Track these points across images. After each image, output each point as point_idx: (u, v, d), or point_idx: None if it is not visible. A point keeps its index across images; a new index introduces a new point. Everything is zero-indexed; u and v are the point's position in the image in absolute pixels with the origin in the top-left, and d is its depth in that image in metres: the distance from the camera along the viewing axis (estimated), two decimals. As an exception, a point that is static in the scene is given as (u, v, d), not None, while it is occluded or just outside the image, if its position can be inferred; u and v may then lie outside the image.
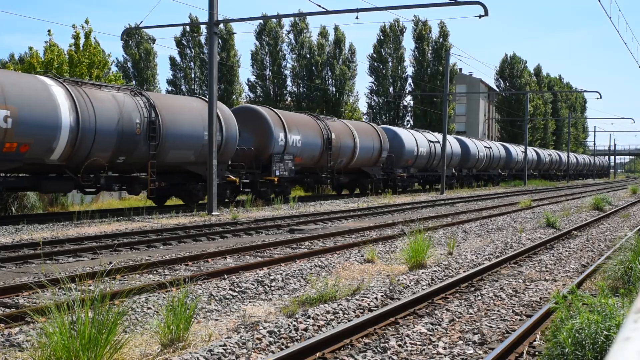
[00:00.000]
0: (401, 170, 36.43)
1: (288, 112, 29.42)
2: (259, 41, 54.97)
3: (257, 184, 24.96)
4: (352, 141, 30.82)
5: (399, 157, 35.64)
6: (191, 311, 6.05)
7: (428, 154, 39.20)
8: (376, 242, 13.32)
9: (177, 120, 20.84)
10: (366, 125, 34.20)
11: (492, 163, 52.23)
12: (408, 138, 37.05)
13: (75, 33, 28.05)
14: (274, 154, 25.32)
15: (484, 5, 20.24)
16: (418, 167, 38.80)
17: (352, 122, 33.30)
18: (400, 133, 36.73)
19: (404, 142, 36.15)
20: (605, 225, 18.64)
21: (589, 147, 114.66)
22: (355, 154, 30.97)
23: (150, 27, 35.65)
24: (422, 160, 38.69)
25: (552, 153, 72.32)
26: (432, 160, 40.24)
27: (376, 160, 33.17)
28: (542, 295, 8.44)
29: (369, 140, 32.34)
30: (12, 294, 8.00)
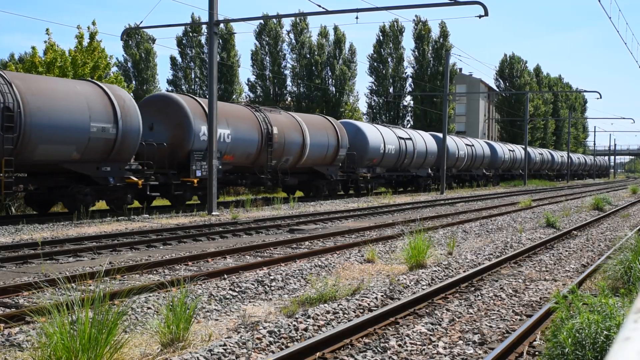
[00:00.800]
0: (365, 170, 32.76)
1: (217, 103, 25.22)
2: (259, 41, 55.01)
3: (172, 187, 21.34)
4: (300, 137, 26.76)
5: (362, 155, 32.03)
6: (191, 311, 6.05)
7: (397, 151, 35.16)
8: (376, 242, 13.32)
9: (50, 107, 16.98)
10: (320, 119, 30.42)
11: (474, 162, 48.26)
12: (373, 134, 33.21)
13: (80, 33, 28.07)
14: (193, 151, 21.55)
15: (484, 5, 20.24)
16: (386, 166, 34.95)
17: (302, 115, 29.23)
18: (363, 128, 33.10)
19: (368, 138, 32.34)
20: (605, 225, 18.64)
21: (589, 147, 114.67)
22: (304, 152, 27.05)
23: (150, 27, 35.65)
24: (391, 158, 34.82)
25: (543, 152, 69.18)
26: (403, 159, 36.29)
27: (332, 158, 29.28)
28: (542, 295, 8.44)
29: (322, 135, 28.44)
30: (12, 294, 8.00)
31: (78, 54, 27.60)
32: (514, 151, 58.35)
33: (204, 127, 21.66)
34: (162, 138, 21.24)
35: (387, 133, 34.85)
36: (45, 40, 28.07)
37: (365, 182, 33.04)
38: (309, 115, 32.76)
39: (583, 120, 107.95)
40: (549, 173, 72.04)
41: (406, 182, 39.88)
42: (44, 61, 26.92)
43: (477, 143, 49.94)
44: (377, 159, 33.37)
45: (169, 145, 21.15)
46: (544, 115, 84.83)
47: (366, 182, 33.14)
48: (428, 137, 40.61)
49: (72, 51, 27.93)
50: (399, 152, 35.48)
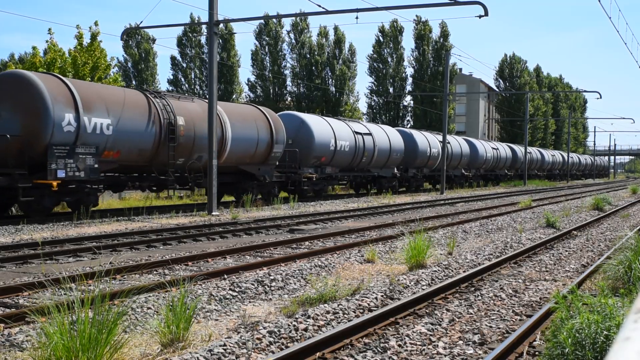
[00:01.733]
0: (311, 170, 28.27)
1: (92, 84, 20.68)
2: (259, 41, 55.02)
3: (19, 191, 16.63)
4: (219, 129, 22.05)
5: (308, 152, 27.54)
6: (191, 311, 6.05)
7: (353, 149, 30.78)
8: (376, 242, 13.32)
9: None
10: (248, 109, 25.52)
11: (452, 162, 43.50)
12: (321, 128, 28.70)
13: (80, 33, 28.07)
14: (53, 145, 16.94)
15: (484, 5, 20.25)
16: (339, 165, 30.43)
17: (224, 104, 24.52)
18: (308, 121, 28.41)
19: (314, 132, 27.87)
20: (605, 225, 18.64)
21: (589, 147, 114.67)
22: (224, 148, 22.58)
23: (150, 27, 35.68)
24: (344, 156, 30.38)
25: (532, 151, 64.19)
26: (360, 157, 31.73)
27: (264, 156, 24.82)
28: (542, 295, 8.44)
29: (249, 128, 24.04)
30: (12, 294, 8.00)
31: (78, 54, 27.60)
32: (497, 149, 54.12)
33: (70, 114, 17.30)
34: (9, 128, 16.80)
35: (339, 127, 30.37)
36: (47, 40, 28.07)
37: (311, 184, 28.54)
38: (234, 104, 28.43)
39: (583, 120, 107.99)
40: (539, 173, 68.05)
41: (363, 183, 35.50)
42: (44, 61, 26.93)
43: (455, 140, 45.44)
44: (327, 156, 28.76)
45: (22, 137, 16.75)
46: (544, 115, 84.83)
47: (312, 184, 28.68)
48: (393, 133, 36.09)
49: (72, 51, 27.93)
50: (355, 149, 30.97)
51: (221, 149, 22.27)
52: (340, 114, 50.02)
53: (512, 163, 58.30)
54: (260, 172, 25.03)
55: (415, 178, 39.46)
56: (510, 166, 58.34)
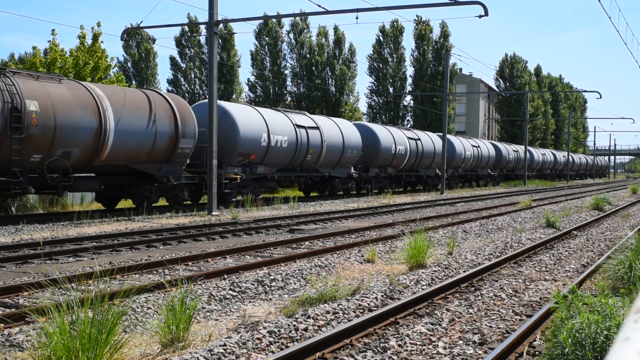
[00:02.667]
0: (238, 169, 24.00)
1: None
2: (259, 41, 55.00)
3: None
4: (94, 118, 17.85)
5: (231, 148, 23.20)
6: (191, 311, 6.05)
7: (293, 144, 26.18)
8: (376, 242, 13.32)
9: None
10: (142, 95, 20.34)
11: (422, 160, 39.13)
12: (249, 119, 24.16)
13: (82, 34, 28.08)
14: None
15: (484, 5, 20.25)
16: (276, 164, 25.88)
17: (105, 87, 19.75)
18: (232, 111, 23.69)
19: (239, 125, 23.32)
20: (605, 225, 18.64)
21: (589, 147, 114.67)
22: (105, 141, 18.09)
23: (150, 27, 35.66)
24: (282, 154, 25.77)
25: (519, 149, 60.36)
26: (304, 154, 27.08)
27: (168, 153, 20.36)
28: (542, 295, 8.44)
29: (143, 118, 19.43)
30: (12, 294, 8.00)
31: (79, 54, 27.61)
32: (478, 147, 49.17)
33: None
34: None
35: (275, 119, 25.70)
36: (50, 40, 28.09)
37: (236, 187, 23.98)
38: (123, 87, 23.39)
39: (583, 120, 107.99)
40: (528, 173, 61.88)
41: (316, 185, 31.30)
42: (45, 61, 26.94)
43: (426, 137, 40.46)
44: (258, 154, 24.20)
45: None
46: (544, 115, 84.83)
47: (238, 187, 24.15)
48: (348, 127, 31.56)
49: (73, 51, 27.94)
50: (297, 145, 26.52)
51: (99, 143, 18.01)
52: (341, 114, 49.97)
53: (496, 162, 53.85)
54: (163, 172, 20.58)
55: (378, 179, 34.78)
56: (494, 166, 53.86)
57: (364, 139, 31.93)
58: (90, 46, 28.10)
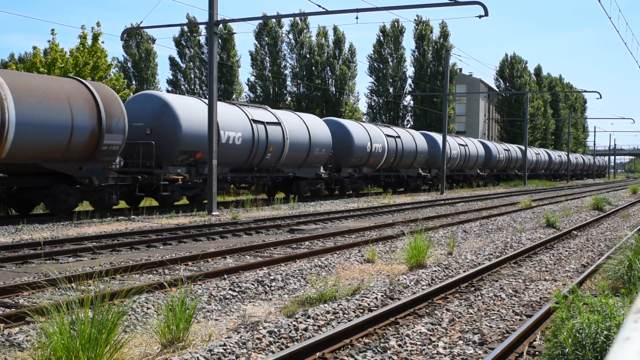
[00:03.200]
0: (181, 169, 21.40)
1: None
2: (259, 41, 55.01)
3: None
4: None
5: (172, 145, 20.61)
6: (191, 311, 6.05)
7: (249, 141, 23.73)
8: (376, 242, 13.32)
9: None
10: (56, 81, 18.18)
11: (402, 160, 36.04)
12: (195, 113, 21.62)
13: (83, 34, 28.09)
14: None
15: (484, 5, 20.25)
16: (229, 163, 23.18)
17: (9, 72, 17.77)
18: (172, 103, 21.26)
19: (181, 119, 20.84)
20: (605, 225, 18.64)
21: (589, 147, 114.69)
22: (4, 136, 15.78)
23: (150, 27, 35.65)
24: (236, 152, 23.18)
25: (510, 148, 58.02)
26: (262, 153, 24.41)
27: (89, 150, 17.95)
28: (542, 295, 8.44)
29: (55, 109, 16.99)
30: (12, 294, 8.00)
31: (79, 54, 27.62)
32: (465, 145, 45.65)
33: None
34: None
35: (228, 113, 23.15)
36: (49, 40, 28.10)
37: (179, 189, 21.61)
38: (32, 74, 20.88)
39: (583, 120, 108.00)
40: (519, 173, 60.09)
41: (281, 186, 28.36)
42: (45, 61, 26.95)
43: (406, 134, 37.38)
44: (206, 152, 21.08)
45: None
46: (544, 115, 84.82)
47: (182, 189, 21.81)
48: (316, 123, 28.74)
49: (73, 51, 27.95)
50: (254, 142, 23.89)
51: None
52: (341, 114, 49.95)
53: (485, 162, 50.69)
54: (84, 172, 18.06)
55: (352, 179, 32.04)
56: (483, 165, 50.67)
57: (335, 136, 29.42)
58: (90, 46, 28.12)
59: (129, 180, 19.73)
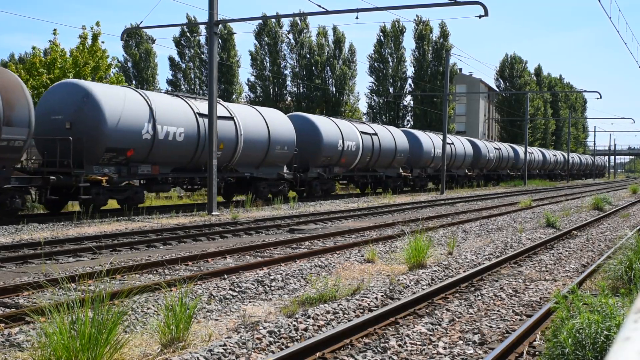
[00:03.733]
0: (107, 169, 18.86)
1: None
2: (259, 41, 55.02)
3: None
4: None
5: (94, 142, 18.12)
6: (191, 311, 6.05)
7: (194, 137, 21.24)
8: (376, 242, 13.32)
9: None
10: None
11: (379, 159, 33.51)
12: (124, 105, 18.89)
13: (84, 34, 28.09)
14: None
15: (484, 5, 20.25)
16: (168, 163, 20.87)
17: None
18: (96, 93, 18.41)
19: (105, 111, 18.24)
20: (605, 225, 18.64)
21: (589, 147, 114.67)
22: None
23: (150, 27, 35.62)
24: (176, 149, 20.63)
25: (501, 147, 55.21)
26: (202, 149, 21.36)
27: None
28: (542, 295, 8.44)
29: None
30: (12, 294, 8.00)
31: (79, 54, 27.62)
32: (451, 144, 42.58)
33: None
34: None
35: (167, 105, 20.61)
36: (51, 40, 28.09)
37: (109, 191, 19.01)
38: None
39: (583, 120, 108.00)
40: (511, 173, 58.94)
41: (238, 188, 25.65)
42: (44, 61, 26.95)
43: (384, 130, 34.86)
44: (138, 149, 19.25)
45: None
46: (544, 115, 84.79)
47: (112, 191, 19.21)
48: (278, 119, 26.08)
49: (73, 51, 27.95)
50: (200, 138, 21.38)
51: None
52: (341, 114, 49.92)
53: (474, 161, 48.01)
54: None
55: (321, 180, 29.48)
56: (471, 165, 47.90)
57: (301, 133, 27.02)
58: (90, 46, 28.12)
59: (38, 182, 17.21)
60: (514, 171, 59.21)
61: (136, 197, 20.09)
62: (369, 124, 34.64)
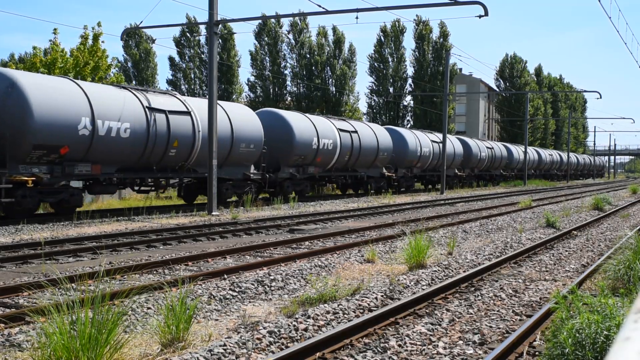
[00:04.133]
0: (36, 169, 17.10)
1: None
2: (259, 41, 55.02)
3: None
4: None
5: (19, 138, 16.42)
6: (191, 311, 6.05)
7: (143, 134, 19.40)
8: (376, 242, 13.32)
9: None
10: None
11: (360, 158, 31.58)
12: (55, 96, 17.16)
13: (85, 34, 28.09)
14: None
15: (484, 5, 20.26)
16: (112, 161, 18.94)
17: None
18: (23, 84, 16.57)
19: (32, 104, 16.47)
20: (605, 225, 18.64)
21: (589, 147, 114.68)
22: None
23: (150, 27, 35.58)
24: (121, 147, 18.72)
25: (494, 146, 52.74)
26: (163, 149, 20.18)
27: None
28: (542, 295, 8.44)
29: None
30: (12, 294, 8.00)
31: (80, 54, 27.62)
32: (440, 142, 40.39)
33: None
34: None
35: (109, 98, 18.64)
36: (51, 39, 28.08)
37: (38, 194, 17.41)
38: None
39: (583, 120, 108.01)
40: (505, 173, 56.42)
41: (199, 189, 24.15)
42: (45, 61, 26.95)
43: (367, 130, 32.99)
44: (74, 146, 17.55)
45: None
46: (544, 115, 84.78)
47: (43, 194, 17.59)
48: (244, 115, 24.35)
49: (73, 51, 27.95)
50: (150, 135, 19.67)
51: None
52: (341, 114, 49.91)
53: (464, 161, 45.68)
54: None
55: (293, 181, 27.50)
56: (462, 165, 45.46)
57: (271, 130, 25.44)
58: (91, 46, 28.12)
59: None
60: (507, 171, 56.95)
61: (73, 200, 18.34)
62: (348, 121, 32.67)
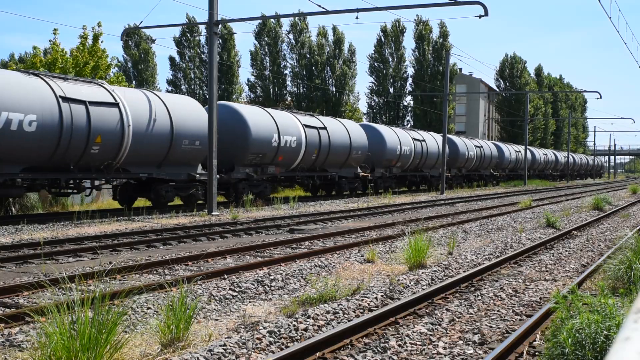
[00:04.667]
0: None
1: None
2: (259, 41, 55.03)
3: None
4: None
5: None
6: (191, 311, 6.05)
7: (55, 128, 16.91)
8: (376, 242, 13.32)
9: None
10: None
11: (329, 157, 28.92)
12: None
13: (84, 34, 28.07)
14: None
15: (484, 5, 20.26)
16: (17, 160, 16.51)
17: None
18: None
19: None
20: (605, 225, 18.64)
21: (589, 147, 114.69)
22: None
23: (149, 27, 35.57)
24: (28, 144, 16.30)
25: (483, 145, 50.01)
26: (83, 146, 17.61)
27: None
28: (542, 295, 8.44)
29: None
30: (12, 294, 8.00)
31: (79, 54, 27.61)
32: (423, 141, 38.83)
33: None
34: None
35: (11, 86, 16.22)
36: (51, 39, 28.06)
37: None
38: None
39: (583, 120, 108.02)
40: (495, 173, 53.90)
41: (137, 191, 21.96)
42: (45, 61, 26.94)
43: (339, 126, 30.29)
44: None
45: None
46: (544, 115, 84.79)
47: None
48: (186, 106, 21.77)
49: (73, 51, 27.94)
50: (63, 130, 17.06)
51: None
52: (341, 114, 49.91)
53: (451, 161, 43.02)
54: None
55: (251, 182, 24.95)
56: (449, 164, 42.53)
57: (223, 125, 22.72)
58: (90, 46, 28.11)
59: None
60: (498, 171, 54.27)
61: None
62: (316, 116, 29.72)
